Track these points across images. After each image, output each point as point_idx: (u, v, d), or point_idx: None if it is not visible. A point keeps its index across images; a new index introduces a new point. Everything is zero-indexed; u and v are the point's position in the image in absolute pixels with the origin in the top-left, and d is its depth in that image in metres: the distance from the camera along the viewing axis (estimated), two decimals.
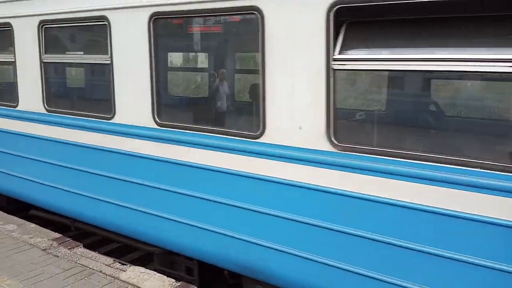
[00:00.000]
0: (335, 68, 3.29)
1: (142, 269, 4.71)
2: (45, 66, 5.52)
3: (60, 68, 6.05)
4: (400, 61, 3.08)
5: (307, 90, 3.44)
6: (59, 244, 5.33)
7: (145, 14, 4.31)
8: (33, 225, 6.04)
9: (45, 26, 5.39)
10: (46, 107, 5.56)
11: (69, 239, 5.53)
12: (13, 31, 5.76)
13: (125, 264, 5.02)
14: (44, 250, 5.15)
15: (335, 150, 3.38)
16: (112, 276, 4.55)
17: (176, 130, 4.36)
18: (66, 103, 5.87)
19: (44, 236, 5.56)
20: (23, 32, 5.66)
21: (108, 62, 4.78)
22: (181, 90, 6.48)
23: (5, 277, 4.47)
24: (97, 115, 5.03)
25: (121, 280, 4.46)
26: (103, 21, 4.72)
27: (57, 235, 5.65)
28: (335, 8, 3.20)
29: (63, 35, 5.72)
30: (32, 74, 5.62)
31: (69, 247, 5.25)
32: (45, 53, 5.48)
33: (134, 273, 4.62)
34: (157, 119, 4.47)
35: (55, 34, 5.59)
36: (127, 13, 4.50)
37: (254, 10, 3.60)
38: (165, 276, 4.59)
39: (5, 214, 6.45)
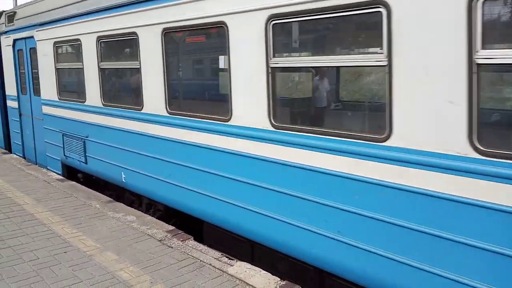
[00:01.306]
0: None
1: (248, 265, 4.90)
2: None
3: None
4: None
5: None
6: (172, 236, 5.76)
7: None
8: (149, 217, 6.60)
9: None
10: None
11: (181, 231, 5.94)
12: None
13: (232, 259, 5.25)
14: (160, 241, 5.60)
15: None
16: (220, 270, 4.79)
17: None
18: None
19: (160, 228, 6.05)
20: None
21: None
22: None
23: (128, 264, 4.95)
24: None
25: (229, 274, 4.68)
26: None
27: (170, 227, 6.11)
28: None
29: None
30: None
31: (181, 239, 5.64)
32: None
33: (241, 268, 4.81)
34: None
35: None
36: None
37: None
38: (270, 274, 4.72)
39: (126, 206, 7.14)
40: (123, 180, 7.19)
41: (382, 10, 3.42)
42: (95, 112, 7.69)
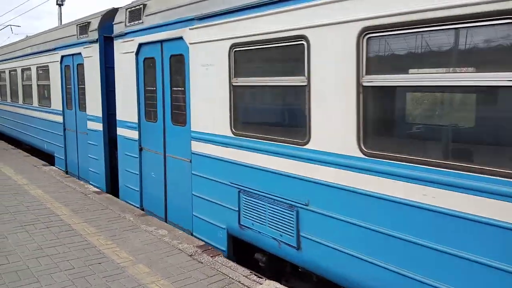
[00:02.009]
0: None
1: (277, 284, 4.90)
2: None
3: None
4: None
5: None
6: (202, 251, 5.85)
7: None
8: (180, 232, 6.72)
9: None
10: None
11: (211, 247, 6.03)
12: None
13: (261, 277, 5.27)
14: (190, 255, 5.70)
15: None
16: (249, 287, 4.82)
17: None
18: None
19: (190, 243, 6.15)
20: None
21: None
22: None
23: (159, 277, 5.05)
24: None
25: None
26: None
27: (201, 242, 6.20)
28: None
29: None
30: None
31: (211, 255, 5.72)
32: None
33: (270, 287, 4.82)
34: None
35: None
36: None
37: None
38: None
39: (158, 220, 7.30)
40: None
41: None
42: (334, 165, 4.35)
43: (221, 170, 5.79)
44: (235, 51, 5.38)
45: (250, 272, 5.32)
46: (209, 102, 5.89)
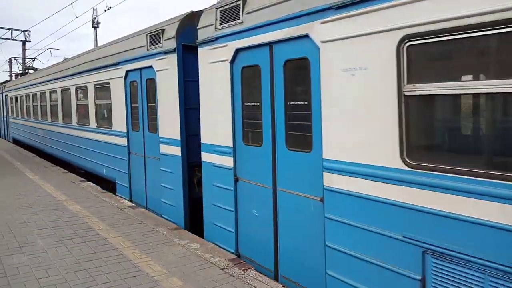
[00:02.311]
0: None
1: None
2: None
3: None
4: None
5: None
6: (234, 264, 5.87)
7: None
8: (212, 245, 6.78)
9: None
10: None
11: (242, 261, 6.04)
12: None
13: None
14: (222, 269, 5.73)
15: None
16: None
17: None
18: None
19: (222, 256, 6.19)
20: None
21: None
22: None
23: None
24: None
25: None
26: None
27: (232, 256, 6.23)
28: None
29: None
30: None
31: (243, 269, 5.73)
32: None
33: None
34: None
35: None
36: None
37: None
38: None
39: (190, 234, 7.39)
40: None
41: None
42: None
43: (385, 217, 4.07)
44: (410, 45, 3.78)
45: (282, 286, 5.29)
46: (358, 119, 4.28)
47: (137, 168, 9.74)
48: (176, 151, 7.92)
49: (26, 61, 37.20)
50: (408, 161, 3.84)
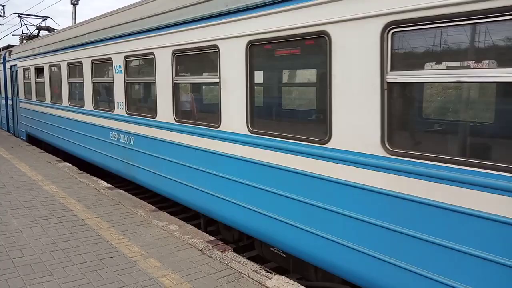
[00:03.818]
0: None
1: (286, 279, 4.92)
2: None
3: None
4: None
5: None
6: (213, 246, 5.88)
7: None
8: (191, 227, 6.77)
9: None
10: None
11: (221, 242, 6.06)
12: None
13: (270, 272, 5.29)
14: (200, 250, 5.74)
15: None
16: (258, 282, 4.84)
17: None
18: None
19: (200, 238, 6.19)
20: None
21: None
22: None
23: (170, 271, 5.10)
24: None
25: (267, 287, 4.72)
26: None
27: (211, 237, 6.24)
28: None
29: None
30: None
31: (221, 250, 5.75)
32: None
33: (279, 282, 4.84)
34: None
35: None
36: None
37: None
38: None
39: (169, 216, 7.36)
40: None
41: None
42: None
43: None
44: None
45: (260, 267, 5.34)
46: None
47: None
48: None
49: (35, 20, 30.70)
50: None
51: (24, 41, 21.00)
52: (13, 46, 21.38)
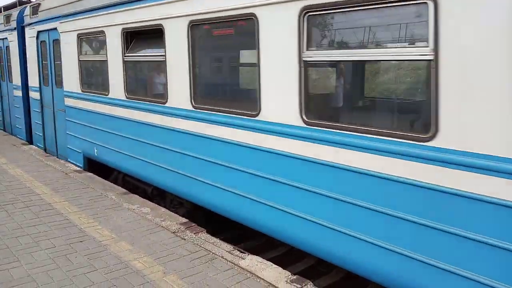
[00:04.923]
0: None
1: (259, 258, 4.94)
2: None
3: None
4: None
5: None
6: (186, 228, 5.84)
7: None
8: (163, 209, 6.69)
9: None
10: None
11: (194, 224, 6.02)
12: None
13: (244, 252, 5.30)
14: (173, 233, 5.68)
15: None
16: (232, 263, 4.84)
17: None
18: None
19: (173, 220, 6.13)
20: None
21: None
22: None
23: (142, 254, 5.04)
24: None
25: (240, 267, 4.73)
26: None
27: (184, 219, 6.19)
28: None
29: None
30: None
31: (194, 232, 5.72)
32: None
33: (253, 261, 4.86)
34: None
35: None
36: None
37: None
38: (281, 268, 4.75)
39: (141, 198, 7.24)
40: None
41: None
42: None
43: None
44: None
45: (233, 248, 5.34)
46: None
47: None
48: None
49: None
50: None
51: None
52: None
